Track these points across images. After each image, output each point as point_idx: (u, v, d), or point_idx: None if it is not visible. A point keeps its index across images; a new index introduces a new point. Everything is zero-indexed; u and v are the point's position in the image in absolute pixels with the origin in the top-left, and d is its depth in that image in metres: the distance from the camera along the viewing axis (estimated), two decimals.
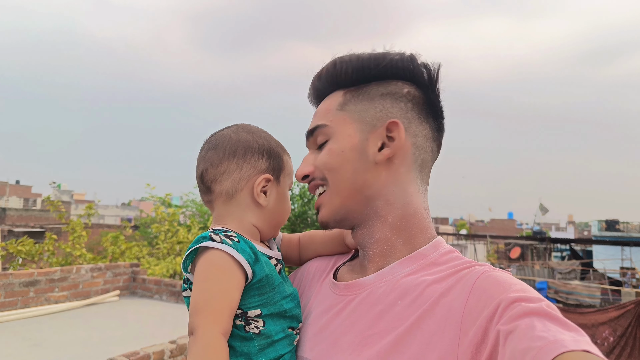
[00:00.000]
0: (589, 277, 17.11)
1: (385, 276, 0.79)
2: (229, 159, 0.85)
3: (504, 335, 0.56)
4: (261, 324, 0.78)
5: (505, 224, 50.90)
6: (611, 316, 8.79)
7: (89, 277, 5.76)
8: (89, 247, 11.12)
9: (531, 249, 23.25)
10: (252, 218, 0.86)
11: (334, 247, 0.98)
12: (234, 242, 0.77)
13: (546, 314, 0.57)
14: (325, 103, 0.88)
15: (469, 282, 0.69)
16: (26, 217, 23.82)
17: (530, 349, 0.52)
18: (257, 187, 0.85)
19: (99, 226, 22.54)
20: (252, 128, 0.91)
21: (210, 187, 0.86)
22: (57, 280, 5.39)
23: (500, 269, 0.73)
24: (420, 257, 0.79)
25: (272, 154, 0.88)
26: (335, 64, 0.87)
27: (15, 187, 39.75)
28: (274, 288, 0.80)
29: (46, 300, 5.24)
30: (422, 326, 0.68)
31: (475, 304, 0.65)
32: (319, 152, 0.86)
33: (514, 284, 0.65)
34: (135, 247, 9.50)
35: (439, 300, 0.70)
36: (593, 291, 13.00)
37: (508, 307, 0.60)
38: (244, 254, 0.77)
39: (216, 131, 0.91)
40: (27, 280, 5.09)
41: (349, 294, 0.81)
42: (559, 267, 17.92)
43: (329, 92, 0.89)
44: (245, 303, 0.77)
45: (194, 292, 0.74)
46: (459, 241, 29.34)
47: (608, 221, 31.69)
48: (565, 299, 13.14)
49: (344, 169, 0.82)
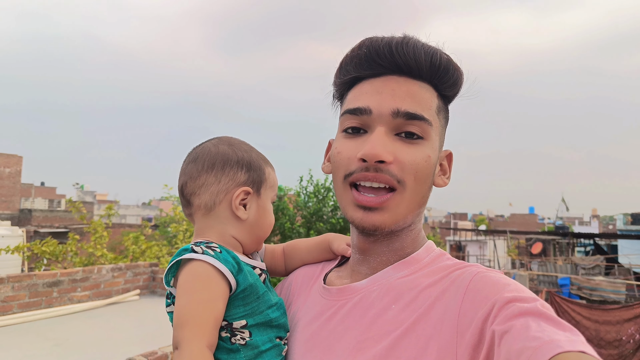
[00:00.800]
0: (613, 273, 16.70)
1: (379, 280, 0.78)
2: (207, 171, 0.84)
3: (499, 335, 0.56)
4: (247, 335, 0.77)
5: (526, 219, 50.00)
6: (637, 312, 8.56)
7: (110, 277, 5.87)
8: (111, 246, 11.35)
9: (553, 244, 22.80)
10: (232, 231, 0.85)
11: (320, 254, 0.97)
12: (215, 252, 0.77)
13: (541, 314, 0.57)
14: (421, 91, 0.76)
15: (463, 283, 0.69)
16: (51, 218, 24.46)
17: (525, 350, 0.52)
18: (235, 200, 0.83)
19: (121, 226, 23.00)
20: (233, 140, 0.90)
21: (190, 200, 0.86)
22: (80, 280, 5.51)
23: (493, 268, 0.72)
24: (413, 262, 0.79)
25: (253, 166, 0.86)
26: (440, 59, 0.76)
27: (41, 188, 40.85)
28: (258, 297, 0.79)
29: (69, 300, 5.37)
30: (418, 330, 0.68)
31: (470, 305, 0.64)
32: (403, 143, 0.74)
33: (508, 284, 0.64)
34: (155, 246, 9.65)
35: (434, 304, 0.69)
36: (618, 287, 12.67)
37: (503, 307, 0.60)
38: (227, 264, 0.76)
39: (198, 144, 0.90)
40: (50, 280, 5.21)
41: (340, 298, 0.80)
42: (583, 263, 17.51)
43: (416, 77, 0.76)
44: (230, 314, 0.76)
45: (177, 305, 0.73)
46: (478, 237, 28.91)
47: (634, 215, 30.80)
48: (589, 295, 12.85)
49: (426, 182, 0.77)
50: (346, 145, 0.77)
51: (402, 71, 0.76)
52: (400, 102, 0.74)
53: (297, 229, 12.14)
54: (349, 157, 0.76)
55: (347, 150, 0.76)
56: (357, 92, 0.78)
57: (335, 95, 0.87)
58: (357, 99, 0.77)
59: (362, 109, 0.75)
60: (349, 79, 0.80)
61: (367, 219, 0.75)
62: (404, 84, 0.75)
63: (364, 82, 0.78)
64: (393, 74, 0.76)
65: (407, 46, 0.74)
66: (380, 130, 0.74)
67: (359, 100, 0.77)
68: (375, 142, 0.72)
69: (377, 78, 0.77)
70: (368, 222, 0.75)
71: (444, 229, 35.58)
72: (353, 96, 0.79)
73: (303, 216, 12.93)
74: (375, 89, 0.76)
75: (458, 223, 42.23)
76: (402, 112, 0.73)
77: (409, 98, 0.74)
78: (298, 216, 13.21)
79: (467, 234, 29.77)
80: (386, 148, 0.72)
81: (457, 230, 27.51)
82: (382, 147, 0.72)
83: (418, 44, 0.75)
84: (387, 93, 0.75)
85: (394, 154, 0.73)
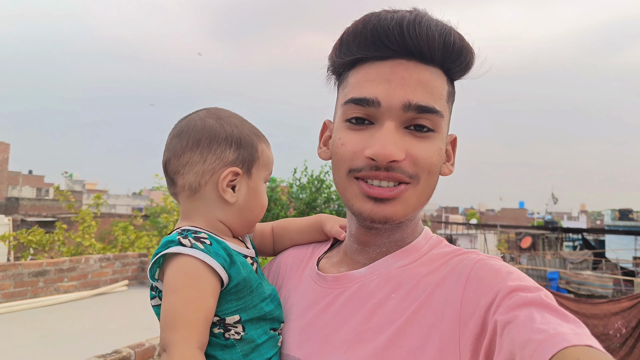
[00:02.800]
0: (601, 267, 16.94)
1: (378, 269, 0.75)
2: (192, 149, 0.76)
3: (502, 325, 0.55)
4: (241, 329, 0.72)
5: (516, 214, 50.52)
6: (624, 306, 8.67)
7: (97, 267, 5.80)
8: (101, 236, 11.24)
9: (542, 238, 23.04)
10: (220, 215, 0.78)
11: (311, 235, 0.92)
12: (205, 245, 0.70)
13: (545, 305, 0.55)
14: (433, 78, 0.70)
15: (464, 271, 0.67)
16: (39, 207, 24.17)
17: (530, 342, 0.50)
18: (222, 182, 0.76)
19: (111, 215, 22.80)
20: (222, 113, 0.81)
21: (174, 180, 0.79)
22: (66, 270, 5.43)
23: (493, 256, 0.70)
24: (412, 250, 0.76)
25: (243, 143, 0.78)
26: (454, 42, 0.69)
27: (28, 177, 40.32)
28: (252, 291, 0.74)
29: (55, 290, 5.29)
30: (419, 319, 0.66)
31: (473, 294, 0.63)
32: (413, 138, 0.69)
33: (510, 272, 0.63)
34: (145, 236, 9.56)
35: (434, 292, 0.67)
36: (605, 281, 12.84)
37: (506, 296, 0.58)
38: (218, 258, 0.70)
39: (184, 116, 0.82)
40: (36, 270, 5.12)
41: (337, 287, 0.77)
42: (571, 257, 17.73)
43: (427, 62, 0.70)
44: (222, 309, 0.71)
45: (164, 305, 0.67)
46: (469, 231, 29.17)
47: (621, 210, 31.22)
48: (576, 289, 13.00)
49: (437, 174, 0.74)
50: (351, 137, 0.71)
51: (412, 55, 0.69)
52: (412, 94, 0.67)
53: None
54: (354, 151, 0.70)
55: (353, 144, 0.70)
56: (362, 77, 0.71)
57: (330, 69, 0.79)
58: (362, 86, 0.70)
59: (369, 100, 0.68)
60: (351, 60, 0.73)
61: (378, 211, 0.70)
62: (414, 70, 0.68)
63: (368, 65, 0.71)
64: (402, 57, 0.69)
65: (419, 27, 0.67)
66: (390, 125, 0.68)
67: (364, 88, 0.69)
68: (386, 140, 0.67)
69: (384, 62, 0.69)
70: (379, 213, 0.70)
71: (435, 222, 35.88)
72: (357, 81, 0.71)
73: (296, 207, 12.90)
74: (383, 76, 0.69)
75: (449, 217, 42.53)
76: (414, 105, 0.67)
77: (420, 88, 0.68)
78: (291, 207, 13.19)
79: (458, 227, 30.02)
80: (397, 145, 0.67)
81: (449, 224, 27.75)
82: (393, 145, 0.67)
83: (431, 23, 0.68)
84: (396, 82, 0.68)
85: (405, 150, 0.68)
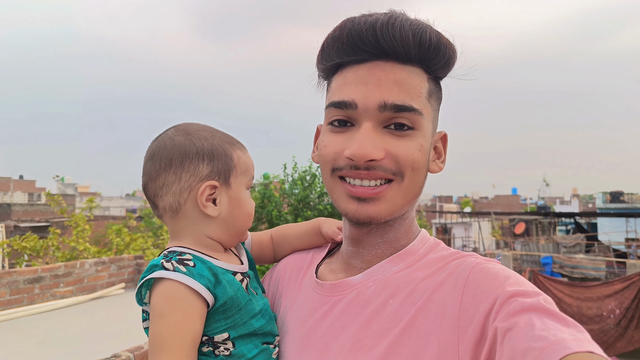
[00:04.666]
0: (594, 250, 17.13)
1: (374, 275, 0.76)
2: (166, 169, 0.76)
3: (502, 332, 0.55)
4: (231, 346, 0.73)
5: (509, 200, 50.85)
6: (617, 288, 8.80)
7: (93, 271, 5.78)
8: (95, 239, 11.18)
9: (536, 223, 23.23)
10: (206, 230, 0.78)
11: (310, 240, 0.93)
12: (188, 267, 0.71)
13: (544, 310, 0.56)
14: (411, 77, 0.70)
15: (461, 275, 0.67)
16: (31, 212, 23.95)
17: (531, 350, 0.50)
18: (201, 198, 0.76)
19: (105, 218, 22.68)
20: (191, 128, 0.80)
21: (155, 203, 0.79)
22: (62, 275, 5.41)
23: (491, 259, 0.71)
24: (409, 254, 0.77)
25: (216, 154, 0.77)
26: (430, 39, 0.69)
27: (19, 182, 39.89)
28: (240, 309, 0.74)
29: (52, 296, 5.27)
30: (417, 325, 0.66)
31: (471, 300, 0.63)
32: (393, 137, 0.70)
33: (508, 277, 0.63)
34: (140, 238, 9.52)
35: (431, 297, 0.68)
36: (598, 264, 13.01)
37: (505, 302, 0.58)
38: (202, 280, 0.70)
39: (156, 137, 0.82)
40: (31, 277, 5.10)
41: (335, 294, 0.77)
42: (564, 241, 17.91)
43: (404, 61, 0.71)
44: (211, 329, 0.72)
45: (151, 330, 0.69)
46: (464, 219, 29.34)
47: (612, 193, 31.56)
48: (570, 273, 13.17)
49: (423, 171, 0.74)
50: (333, 139, 0.73)
51: (388, 56, 0.70)
52: (387, 94, 0.69)
53: (284, 216, 12.10)
54: (335, 151, 0.72)
55: (334, 145, 0.72)
56: (341, 81, 0.73)
57: (320, 75, 0.82)
58: (341, 89, 0.72)
59: (347, 103, 0.70)
60: (332, 65, 0.75)
61: (362, 210, 0.71)
62: (390, 71, 0.70)
63: (348, 69, 0.73)
64: (379, 59, 0.70)
65: (392, 28, 0.68)
66: (367, 126, 0.69)
67: (343, 91, 0.71)
68: (363, 140, 0.68)
69: (362, 64, 0.71)
70: (363, 213, 0.71)
71: (429, 212, 36.02)
72: (337, 85, 0.73)
73: (290, 204, 12.90)
74: (360, 78, 0.70)
75: (443, 206, 42.74)
76: (390, 104, 0.69)
77: (397, 88, 0.69)
78: (285, 204, 13.18)
79: (453, 216, 30.17)
80: (375, 144, 0.68)
81: (443, 213, 27.89)
82: (370, 145, 0.68)
83: (405, 23, 0.69)
84: (372, 83, 0.69)
85: (384, 149, 0.70)
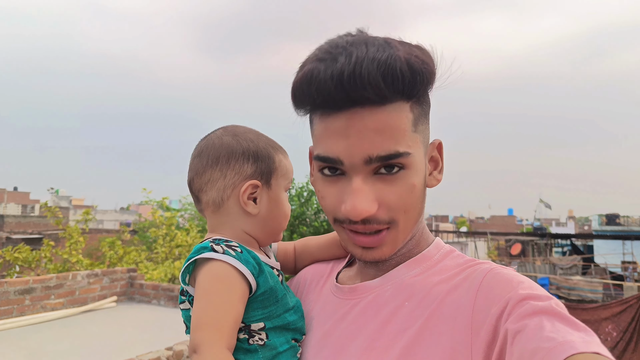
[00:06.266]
0: (590, 272, 17.11)
1: (392, 279, 0.77)
2: (212, 166, 0.81)
3: (512, 334, 0.56)
4: (265, 336, 0.75)
5: (505, 221, 50.90)
6: (614, 311, 8.74)
7: (85, 284, 5.70)
8: (88, 252, 11.07)
9: (532, 245, 23.23)
10: (245, 226, 0.82)
11: (331, 251, 0.96)
12: (236, 252, 0.74)
13: (555, 313, 0.56)
14: (392, 118, 0.67)
15: (475, 280, 0.68)
16: (24, 224, 23.74)
17: (539, 350, 0.51)
18: (243, 195, 0.80)
19: (98, 231, 22.48)
20: (238, 130, 0.85)
21: (199, 197, 0.84)
22: (53, 287, 5.33)
23: (504, 266, 0.72)
24: (424, 259, 0.78)
25: (260, 156, 0.82)
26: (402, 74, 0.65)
27: (13, 193, 39.66)
28: (277, 301, 0.77)
29: (42, 308, 5.18)
30: (431, 327, 0.67)
31: (484, 303, 0.64)
32: (384, 183, 0.69)
33: (522, 282, 0.64)
34: (134, 251, 9.44)
35: (445, 299, 0.69)
36: (595, 286, 12.97)
37: (516, 305, 0.59)
38: (248, 265, 0.73)
39: (204, 136, 0.87)
40: (22, 288, 5.02)
41: (353, 297, 0.79)
42: (560, 263, 17.89)
43: (382, 102, 0.66)
44: (248, 316, 0.74)
45: (195, 307, 0.71)
46: (460, 239, 29.31)
47: (608, 215, 31.67)
48: (567, 295, 13.11)
49: (418, 207, 0.73)
50: (327, 190, 0.73)
51: (363, 103, 0.66)
52: (370, 146, 0.66)
53: None
54: (333, 204, 0.72)
55: (330, 197, 0.72)
56: (322, 131, 0.70)
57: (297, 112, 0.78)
58: (324, 142, 0.69)
59: (333, 159, 0.69)
60: (308, 110, 0.73)
61: (367, 255, 0.74)
62: (369, 119, 0.66)
63: (326, 117, 0.69)
64: (355, 106, 0.66)
65: (360, 78, 0.63)
66: (357, 181, 0.68)
67: (326, 145, 0.69)
68: (355, 198, 0.67)
69: (340, 113, 0.67)
70: (368, 257, 0.75)
71: None
72: (319, 133, 0.71)
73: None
74: (341, 131, 0.67)
75: (439, 225, 42.67)
76: (375, 157, 0.66)
77: (379, 137, 0.66)
78: None
79: (449, 235, 30.14)
80: (368, 199, 0.68)
81: (439, 232, 27.84)
82: (363, 201, 0.67)
83: (371, 65, 0.63)
84: (354, 137, 0.66)
85: (377, 200, 0.69)
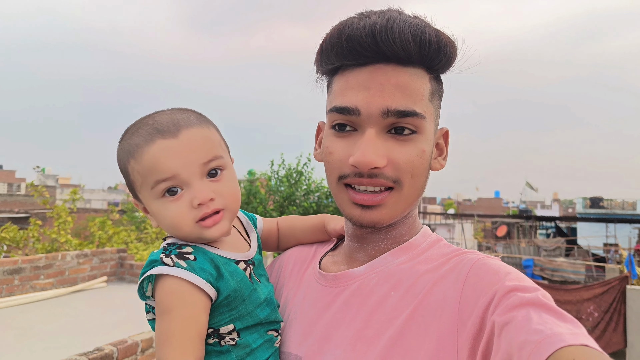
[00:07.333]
0: (573, 254, 17.48)
1: (377, 267, 0.77)
2: None
3: (500, 326, 0.56)
4: (236, 336, 0.73)
5: (492, 203, 51.56)
6: (596, 292, 8.99)
7: (75, 264, 5.67)
8: (76, 232, 10.97)
9: (517, 227, 23.61)
10: None
11: (315, 235, 0.94)
12: (188, 261, 0.69)
13: (542, 305, 0.56)
14: (413, 80, 0.70)
15: (462, 271, 0.68)
16: (10, 203, 23.41)
17: (527, 343, 0.51)
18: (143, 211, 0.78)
19: (86, 211, 22.27)
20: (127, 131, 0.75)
21: None
22: (42, 267, 5.29)
23: (491, 256, 0.72)
24: (411, 248, 0.78)
25: (123, 173, 0.75)
26: (430, 40, 0.68)
27: None
28: (244, 300, 0.73)
29: (31, 288, 5.15)
30: (417, 317, 0.67)
31: (471, 294, 0.64)
32: (395, 142, 0.70)
33: (508, 273, 0.64)
34: (123, 231, 9.38)
35: (432, 290, 0.69)
36: (578, 268, 13.27)
37: (504, 296, 0.59)
38: (203, 274, 0.68)
39: None
40: (11, 268, 4.98)
41: (338, 285, 0.78)
42: (545, 245, 18.24)
43: (405, 63, 0.70)
44: (216, 321, 0.71)
45: (157, 325, 0.68)
46: (447, 220, 29.66)
47: (592, 198, 32.24)
48: (550, 276, 13.41)
49: (423, 175, 0.74)
50: (337, 145, 0.73)
51: (389, 59, 0.69)
52: (390, 99, 0.68)
53: (270, 213, 12.08)
54: (340, 159, 0.72)
55: (339, 152, 0.73)
56: (343, 85, 0.72)
57: (319, 72, 0.80)
58: (343, 94, 0.71)
59: (350, 109, 0.70)
60: (333, 67, 0.75)
61: (365, 216, 0.73)
62: (392, 74, 0.69)
63: (349, 72, 0.72)
64: (380, 62, 0.70)
65: (392, 31, 0.67)
66: (371, 132, 0.69)
67: (345, 96, 0.71)
68: (366, 148, 0.68)
69: (364, 68, 0.71)
70: (366, 219, 0.73)
71: None
72: (339, 89, 0.73)
73: (275, 200, 12.87)
74: (362, 83, 0.70)
75: (427, 207, 43.11)
76: (393, 110, 0.68)
77: (399, 92, 0.69)
78: (270, 200, 13.14)
79: (436, 217, 30.46)
80: (378, 152, 0.69)
81: (427, 214, 28.15)
82: (373, 152, 0.68)
83: (404, 25, 0.68)
84: (375, 89, 0.69)
85: (387, 155, 0.70)
